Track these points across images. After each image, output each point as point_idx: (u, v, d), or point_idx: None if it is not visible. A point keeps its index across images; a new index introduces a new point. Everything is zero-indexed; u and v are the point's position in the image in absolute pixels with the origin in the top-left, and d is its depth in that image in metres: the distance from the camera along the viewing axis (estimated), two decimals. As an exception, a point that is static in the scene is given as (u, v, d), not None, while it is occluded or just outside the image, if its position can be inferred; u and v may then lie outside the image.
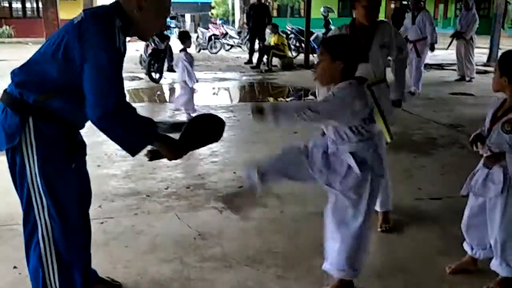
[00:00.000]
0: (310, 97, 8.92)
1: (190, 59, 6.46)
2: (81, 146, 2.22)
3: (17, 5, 26.60)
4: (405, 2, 26.56)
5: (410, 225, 3.33)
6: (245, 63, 13.34)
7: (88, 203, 2.33)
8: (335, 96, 2.21)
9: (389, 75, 3.33)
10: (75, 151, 2.13)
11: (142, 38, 2.26)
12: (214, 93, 9.66)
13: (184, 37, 6.65)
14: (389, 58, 3.35)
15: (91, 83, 1.88)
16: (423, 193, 3.91)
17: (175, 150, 2.12)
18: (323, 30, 13.88)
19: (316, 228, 3.18)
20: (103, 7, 2.07)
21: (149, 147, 2.11)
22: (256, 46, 13.98)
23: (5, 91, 2.01)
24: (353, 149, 2.26)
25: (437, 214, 3.52)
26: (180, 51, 6.54)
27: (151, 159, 2.15)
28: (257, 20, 13.13)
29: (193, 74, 6.53)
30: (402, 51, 3.34)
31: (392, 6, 27.12)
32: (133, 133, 1.99)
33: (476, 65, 10.41)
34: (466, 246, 2.71)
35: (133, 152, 2.01)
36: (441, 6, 32.38)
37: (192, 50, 17.64)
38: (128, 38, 2.08)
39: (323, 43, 2.36)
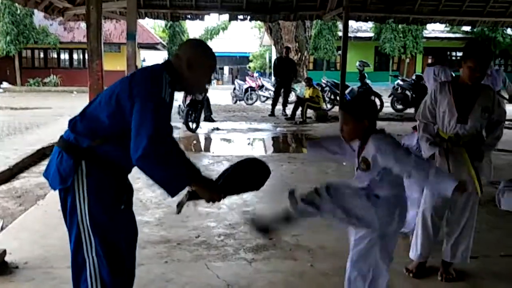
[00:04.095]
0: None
1: None
2: (129, 188, 2.32)
3: (65, 56, 28.05)
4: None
5: (443, 284, 3.23)
6: (269, 115, 13.37)
7: (135, 244, 2.39)
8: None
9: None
10: (124, 194, 2.23)
11: (189, 92, 2.43)
12: (248, 143, 9.78)
13: None
14: None
15: (133, 127, 2.02)
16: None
17: (213, 192, 2.20)
18: (359, 84, 13.98)
19: (346, 284, 3.13)
20: (155, 64, 2.28)
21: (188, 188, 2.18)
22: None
23: (61, 137, 2.19)
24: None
25: (473, 273, 3.40)
26: None
27: (188, 199, 2.21)
28: (283, 74, 13.38)
29: None
30: (499, 125, 3.23)
31: (429, 61, 27.17)
32: (169, 175, 2.06)
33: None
34: None
35: (171, 193, 2.09)
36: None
37: (228, 101, 18.15)
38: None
39: (344, 107, 2.55)
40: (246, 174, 2.29)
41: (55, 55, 27.83)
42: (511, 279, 3.29)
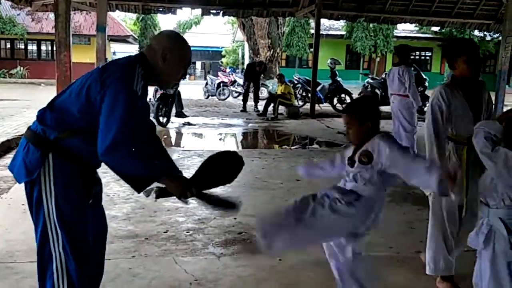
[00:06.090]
0: (315, 145, 9.00)
1: None
2: (98, 183, 2.27)
3: (32, 47, 27.37)
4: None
5: (412, 278, 3.29)
6: (241, 110, 13.46)
7: (104, 239, 2.36)
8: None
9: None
10: (92, 188, 2.19)
11: (163, 86, 2.39)
12: (220, 139, 9.75)
13: None
14: None
15: (101, 120, 1.98)
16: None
17: (183, 187, 2.13)
18: (330, 81, 14.10)
19: (315, 278, 3.16)
20: (128, 56, 2.23)
21: (157, 184, 2.13)
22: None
23: (29, 128, 2.13)
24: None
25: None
26: None
27: (157, 197, 2.17)
28: (252, 77, 13.65)
29: None
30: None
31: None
32: (136, 169, 2.04)
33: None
34: None
35: (137, 188, 2.10)
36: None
37: (200, 96, 18.06)
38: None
39: (348, 110, 2.53)
40: (216, 167, 2.25)
41: (22, 46, 27.13)
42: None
